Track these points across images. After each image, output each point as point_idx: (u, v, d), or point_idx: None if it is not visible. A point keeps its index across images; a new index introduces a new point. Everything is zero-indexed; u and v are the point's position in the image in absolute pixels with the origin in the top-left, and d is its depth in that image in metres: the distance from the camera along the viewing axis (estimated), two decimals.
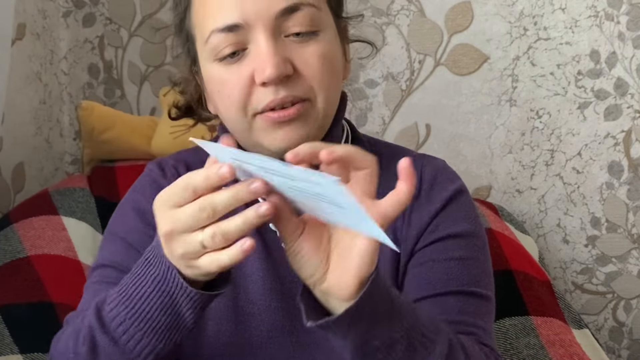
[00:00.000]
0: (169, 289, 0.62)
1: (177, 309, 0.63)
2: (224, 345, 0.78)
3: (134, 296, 0.64)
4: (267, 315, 0.78)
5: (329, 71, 0.73)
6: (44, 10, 1.63)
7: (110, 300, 0.67)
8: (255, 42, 0.70)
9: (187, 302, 0.62)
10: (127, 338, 0.65)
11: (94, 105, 1.52)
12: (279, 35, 0.71)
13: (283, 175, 0.54)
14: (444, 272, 0.77)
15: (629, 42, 1.56)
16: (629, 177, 1.61)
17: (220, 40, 0.71)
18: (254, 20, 0.70)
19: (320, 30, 0.73)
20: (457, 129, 1.65)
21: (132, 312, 0.64)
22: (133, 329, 0.64)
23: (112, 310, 0.66)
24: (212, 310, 0.78)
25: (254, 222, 0.56)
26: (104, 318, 0.67)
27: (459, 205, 0.81)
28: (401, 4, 1.62)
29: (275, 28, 0.71)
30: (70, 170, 1.78)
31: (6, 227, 1.29)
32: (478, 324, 0.75)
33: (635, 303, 1.68)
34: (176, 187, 0.58)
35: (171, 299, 0.62)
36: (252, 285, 0.79)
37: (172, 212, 0.58)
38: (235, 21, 0.70)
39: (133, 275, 0.65)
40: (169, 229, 0.58)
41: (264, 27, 0.70)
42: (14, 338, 1.11)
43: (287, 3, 0.70)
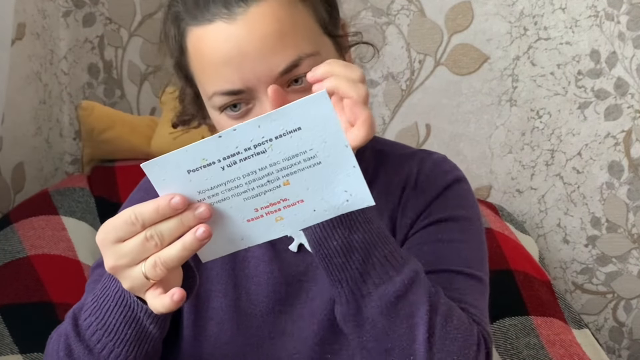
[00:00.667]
0: (129, 303, 0.63)
1: (140, 322, 0.64)
2: (225, 345, 0.78)
3: (102, 307, 0.65)
4: (268, 316, 0.78)
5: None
6: (43, 10, 1.63)
7: (85, 309, 0.68)
8: (260, 102, 0.69)
9: (146, 317, 0.63)
10: (101, 347, 0.66)
11: (94, 105, 1.52)
12: (282, 89, 0.69)
13: (259, 147, 0.55)
14: (431, 253, 0.75)
15: (629, 42, 1.56)
16: (629, 177, 1.61)
17: (224, 100, 0.69)
18: (255, 85, 0.68)
19: None
20: (457, 129, 1.65)
21: (102, 323, 0.65)
22: (105, 338, 0.66)
23: (86, 319, 0.67)
24: (213, 311, 0.78)
25: (193, 247, 0.56)
26: (80, 326, 0.68)
27: (455, 192, 0.81)
28: (401, 4, 1.62)
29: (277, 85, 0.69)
30: (70, 170, 1.78)
31: (6, 227, 1.29)
32: (467, 300, 0.73)
33: (635, 303, 1.68)
34: (121, 221, 0.57)
35: (132, 313, 0.63)
36: (255, 286, 0.79)
37: (116, 247, 0.58)
38: (237, 87, 0.68)
39: (102, 285, 0.66)
40: (113, 265, 0.58)
41: (266, 88, 0.68)
42: (14, 338, 1.11)
43: (286, 64, 0.67)
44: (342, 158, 0.56)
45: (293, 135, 0.54)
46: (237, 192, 0.57)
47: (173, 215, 0.57)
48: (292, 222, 0.59)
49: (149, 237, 0.57)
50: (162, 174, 0.56)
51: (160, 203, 0.56)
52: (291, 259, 0.79)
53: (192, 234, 0.56)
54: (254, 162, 0.55)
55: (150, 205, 0.57)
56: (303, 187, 0.57)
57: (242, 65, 0.67)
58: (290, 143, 0.54)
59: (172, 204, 0.56)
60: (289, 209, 0.58)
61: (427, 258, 0.74)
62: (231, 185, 0.56)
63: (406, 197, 0.79)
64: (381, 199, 0.80)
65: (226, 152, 0.55)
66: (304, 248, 0.78)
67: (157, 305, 0.58)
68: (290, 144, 0.55)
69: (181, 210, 0.57)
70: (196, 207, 0.57)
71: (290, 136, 0.54)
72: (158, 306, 0.58)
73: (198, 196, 0.57)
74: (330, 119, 0.54)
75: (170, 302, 0.57)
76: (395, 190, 0.80)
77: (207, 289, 0.79)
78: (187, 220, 0.57)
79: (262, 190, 0.57)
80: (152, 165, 0.56)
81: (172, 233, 0.57)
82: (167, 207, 0.56)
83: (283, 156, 0.55)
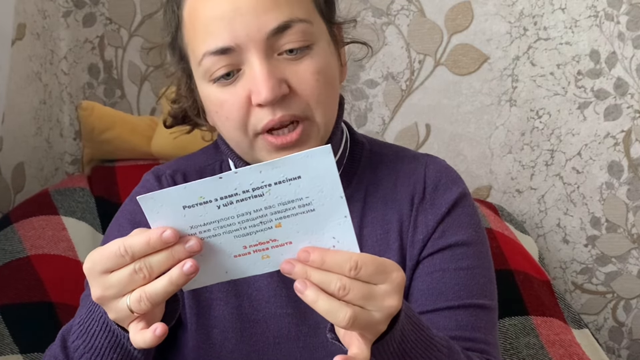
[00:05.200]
0: (113, 330, 0.63)
1: (124, 347, 0.64)
2: (230, 353, 0.78)
3: (89, 331, 0.65)
4: (272, 321, 0.78)
5: (325, 86, 0.72)
6: (44, 10, 1.63)
7: (73, 331, 0.68)
8: (249, 63, 0.70)
9: (129, 344, 0.62)
10: None
11: (94, 105, 1.52)
12: (272, 55, 0.70)
13: (257, 191, 0.56)
14: (455, 282, 0.77)
15: (629, 42, 1.56)
16: (628, 177, 1.61)
17: (213, 62, 0.70)
18: (245, 42, 0.69)
19: (314, 43, 0.72)
20: (457, 129, 1.65)
21: (89, 347, 0.65)
22: None
23: (74, 342, 0.67)
24: (215, 319, 0.78)
25: (180, 282, 0.56)
26: (68, 349, 0.68)
27: (464, 210, 0.81)
28: (401, 4, 1.62)
29: (268, 48, 0.70)
30: (70, 170, 1.78)
31: (6, 227, 1.29)
32: (489, 340, 0.77)
33: (635, 303, 1.68)
34: (111, 253, 0.57)
35: (117, 339, 0.63)
36: (257, 292, 0.78)
37: (104, 278, 0.57)
38: (226, 44, 0.69)
39: (88, 309, 0.66)
40: (100, 295, 0.58)
41: (256, 49, 0.69)
42: (14, 338, 1.11)
43: (277, 22, 0.69)
44: (336, 208, 0.57)
45: (292, 183, 0.55)
46: (229, 230, 0.57)
47: (163, 249, 0.56)
48: (278, 261, 0.59)
49: (137, 270, 0.56)
50: (157, 207, 0.56)
51: (152, 236, 0.56)
52: None
53: (179, 268, 0.56)
54: (250, 204, 0.56)
55: (141, 238, 0.56)
56: (293, 230, 0.58)
57: (234, 20, 0.68)
58: (288, 189, 0.56)
59: (164, 237, 0.55)
60: (277, 249, 0.59)
61: (451, 287, 0.76)
62: (224, 223, 0.57)
63: (416, 211, 0.80)
64: (387, 204, 0.80)
65: (224, 192, 0.55)
66: None
67: (138, 340, 0.58)
68: (287, 190, 0.56)
69: (172, 244, 0.56)
70: (186, 240, 0.56)
71: (289, 183, 0.55)
72: (139, 341, 0.57)
73: (190, 230, 0.57)
74: (330, 172, 0.55)
75: (152, 338, 0.57)
76: (403, 199, 0.80)
77: (208, 297, 0.79)
78: (177, 253, 0.56)
79: (253, 230, 0.58)
80: (148, 198, 0.56)
81: (161, 266, 0.56)
82: (159, 241, 0.56)
83: (279, 201, 0.56)
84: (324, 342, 0.77)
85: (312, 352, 0.78)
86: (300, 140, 0.72)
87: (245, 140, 0.73)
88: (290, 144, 0.71)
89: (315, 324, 0.78)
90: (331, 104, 0.75)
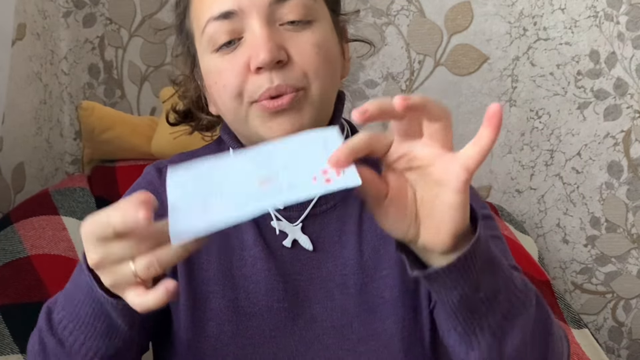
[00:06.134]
0: (97, 297, 0.62)
1: (108, 316, 0.64)
2: (225, 346, 0.78)
3: (73, 301, 0.65)
4: (268, 315, 0.78)
5: (323, 60, 0.73)
6: (44, 11, 1.63)
7: (59, 303, 0.68)
8: (250, 29, 0.71)
9: (114, 311, 0.62)
10: (72, 341, 0.66)
11: (94, 105, 1.52)
12: (274, 24, 0.72)
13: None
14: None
15: (629, 42, 1.56)
16: (628, 177, 1.62)
17: (216, 28, 0.72)
18: (248, 7, 0.71)
19: (315, 20, 0.74)
20: (457, 129, 1.65)
21: (73, 316, 0.65)
22: (75, 332, 0.66)
23: (59, 313, 0.67)
24: (211, 312, 0.78)
25: (193, 245, 0.56)
26: (52, 320, 0.68)
27: (470, 192, 0.82)
28: (401, 4, 1.62)
29: (270, 15, 0.71)
30: (70, 170, 1.78)
31: (6, 227, 1.29)
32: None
33: (634, 303, 1.69)
34: (99, 221, 0.56)
35: (101, 307, 0.63)
36: (253, 285, 0.79)
37: (105, 244, 0.56)
38: (229, 8, 0.71)
39: (72, 279, 0.66)
40: (99, 260, 0.57)
41: (258, 14, 0.71)
42: (14, 338, 1.11)
43: None
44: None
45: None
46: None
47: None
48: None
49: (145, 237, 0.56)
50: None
51: (127, 213, 0.54)
52: (286, 256, 0.79)
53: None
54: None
55: (118, 214, 0.55)
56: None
57: None
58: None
59: (138, 217, 0.54)
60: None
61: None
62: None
63: None
64: None
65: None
66: (297, 244, 0.78)
67: (141, 302, 0.56)
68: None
69: (143, 227, 0.54)
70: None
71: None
72: (150, 301, 0.56)
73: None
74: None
75: (164, 294, 0.55)
76: None
77: (204, 290, 0.79)
78: None
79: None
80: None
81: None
82: (132, 219, 0.54)
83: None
84: (320, 335, 0.77)
85: (308, 346, 0.78)
86: (294, 107, 0.72)
87: (240, 109, 0.73)
88: (282, 107, 0.71)
89: (312, 317, 0.78)
90: (329, 82, 0.75)
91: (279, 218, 0.79)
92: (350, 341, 0.77)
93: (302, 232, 0.78)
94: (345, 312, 0.78)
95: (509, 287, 0.63)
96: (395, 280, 0.77)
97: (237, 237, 0.79)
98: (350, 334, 0.78)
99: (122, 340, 0.66)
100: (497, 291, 0.61)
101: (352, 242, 0.79)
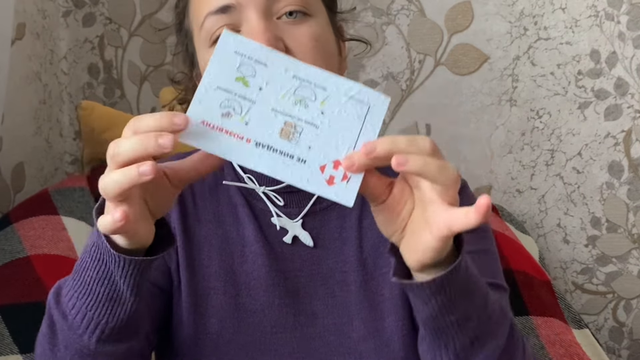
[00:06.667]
0: (103, 256, 0.62)
1: (112, 278, 0.63)
2: (227, 343, 0.78)
3: (79, 269, 0.65)
4: (270, 311, 0.78)
5: (320, 53, 0.74)
6: (43, 10, 1.63)
7: (68, 278, 0.68)
8: (248, 22, 0.72)
9: (118, 270, 0.61)
10: (75, 312, 0.65)
11: (94, 105, 1.52)
12: (271, 17, 0.72)
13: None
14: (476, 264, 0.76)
15: (629, 42, 1.56)
16: (629, 177, 1.61)
17: (214, 22, 0.72)
18: (245, 1, 0.71)
19: (312, 15, 0.74)
20: (457, 129, 1.65)
21: (77, 285, 0.65)
22: (78, 302, 0.65)
23: (67, 286, 0.67)
24: (213, 309, 0.78)
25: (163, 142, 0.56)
26: (60, 295, 0.68)
27: (466, 200, 0.82)
28: (401, 4, 1.62)
29: (267, 9, 0.72)
30: (70, 170, 1.78)
31: (6, 227, 1.29)
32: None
33: (635, 303, 1.68)
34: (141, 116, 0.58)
35: (105, 267, 0.62)
36: (254, 281, 0.79)
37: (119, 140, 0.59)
38: (227, 2, 0.72)
39: (83, 250, 0.66)
40: (112, 154, 0.59)
41: (255, 7, 0.71)
42: (14, 338, 1.11)
43: None
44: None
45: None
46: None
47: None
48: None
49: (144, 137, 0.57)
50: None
51: (164, 120, 0.57)
52: (287, 253, 0.79)
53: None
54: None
55: (155, 116, 0.58)
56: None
57: None
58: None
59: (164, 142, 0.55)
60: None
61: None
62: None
63: None
64: None
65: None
66: (298, 241, 0.79)
67: (101, 222, 0.57)
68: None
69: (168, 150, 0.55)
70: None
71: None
72: (102, 223, 0.57)
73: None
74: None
75: (112, 220, 0.55)
76: None
77: (205, 286, 0.79)
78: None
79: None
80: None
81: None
82: (169, 126, 0.56)
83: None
84: (321, 332, 0.78)
85: (309, 342, 0.78)
86: None
87: None
88: None
89: (313, 314, 0.78)
90: None
91: (279, 214, 0.79)
92: (351, 338, 0.78)
93: (302, 228, 0.79)
94: (345, 309, 0.78)
95: (482, 317, 0.63)
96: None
97: (238, 233, 0.80)
98: (351, 331, 0.78)
99: (125, 312, 0.65)
100: (469, 318, 0.62)
101: (352, 239, 0.79)
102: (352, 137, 0.58)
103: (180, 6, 0.80)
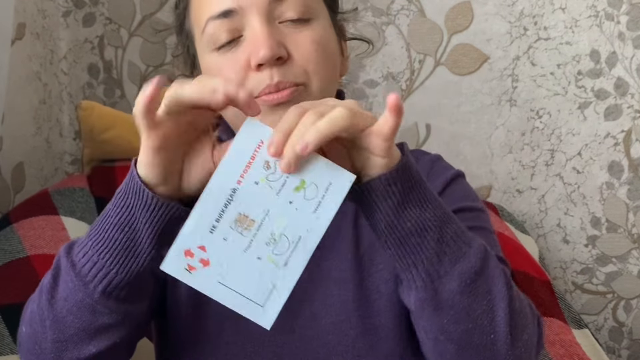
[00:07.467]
0: (129, 201, 0.61)
1: (133, 226, 0.61)
2: (226, 345, 0.78)
3: (99, 219, 0.64)
4: None
5: (323, 56, 0.74)
6: (43, 10, 1.63)
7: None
8: (250, 27, 0.72)
9: (145, 213, 0.61)
10: (86, 260, 0.63)
11: (94, 105, 1.52)
12: (273, 21, 0.72)
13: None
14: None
15: (629, 42, 1.56)
16: (629, 177, 1.62)
17: (216, 27, 0.72)
18: (248, 6, 0.71)
19: (314, 18, 0.74)
20: (457, 129, 1.65)
21: (93, 233, 0.64)
22: (91, 250, 0.63)
23: (81, 237, 0.66)
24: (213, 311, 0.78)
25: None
26: (73, 245, 0.66)
27: (458, 186, 0.81)
28: (401, 4, 1.62)
29: (269, 13, 0.72)
30: (70, 170, 1.78)
31: (6, 227, 1.29)
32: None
33: (635, 303, 1.68)
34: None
35: (129, 214, 0.61)
36: None
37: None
38: (229, 6, 0.72)
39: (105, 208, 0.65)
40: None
41: (257, 12, 0.71)
42: (14, 338, 1.11)
43: None
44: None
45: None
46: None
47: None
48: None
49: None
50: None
51: (206, 89, 0.58)
52: None
53: None
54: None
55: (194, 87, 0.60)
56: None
57: None
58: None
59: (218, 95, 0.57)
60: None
61: None
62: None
63: None
64: None
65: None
66: None
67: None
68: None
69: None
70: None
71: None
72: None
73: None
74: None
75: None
76: None
77: None
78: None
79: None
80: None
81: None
82: (212, 98, 0.58)
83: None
84: (319, 333, 0.77)
85: (308, 343, 0.78)
86: (294, 101, 0.72)
87: None
88: (281, 100, 0.72)
89: (311, 315, 0.78)
90: (328, 79, 0.76)
91: None
92: (349, 337, 0.78)
93: None
94: (343, 307, 0.78)
95: (442, 228, 0.62)
96: (391, 273, 0.77)
97: None
98: (349, 329, 0.78)
99: (137, 265, 0.63)
100: (427, 226, 0.62)
101: (348, 237, 0.79)
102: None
103: (181, 7, 0.80)
